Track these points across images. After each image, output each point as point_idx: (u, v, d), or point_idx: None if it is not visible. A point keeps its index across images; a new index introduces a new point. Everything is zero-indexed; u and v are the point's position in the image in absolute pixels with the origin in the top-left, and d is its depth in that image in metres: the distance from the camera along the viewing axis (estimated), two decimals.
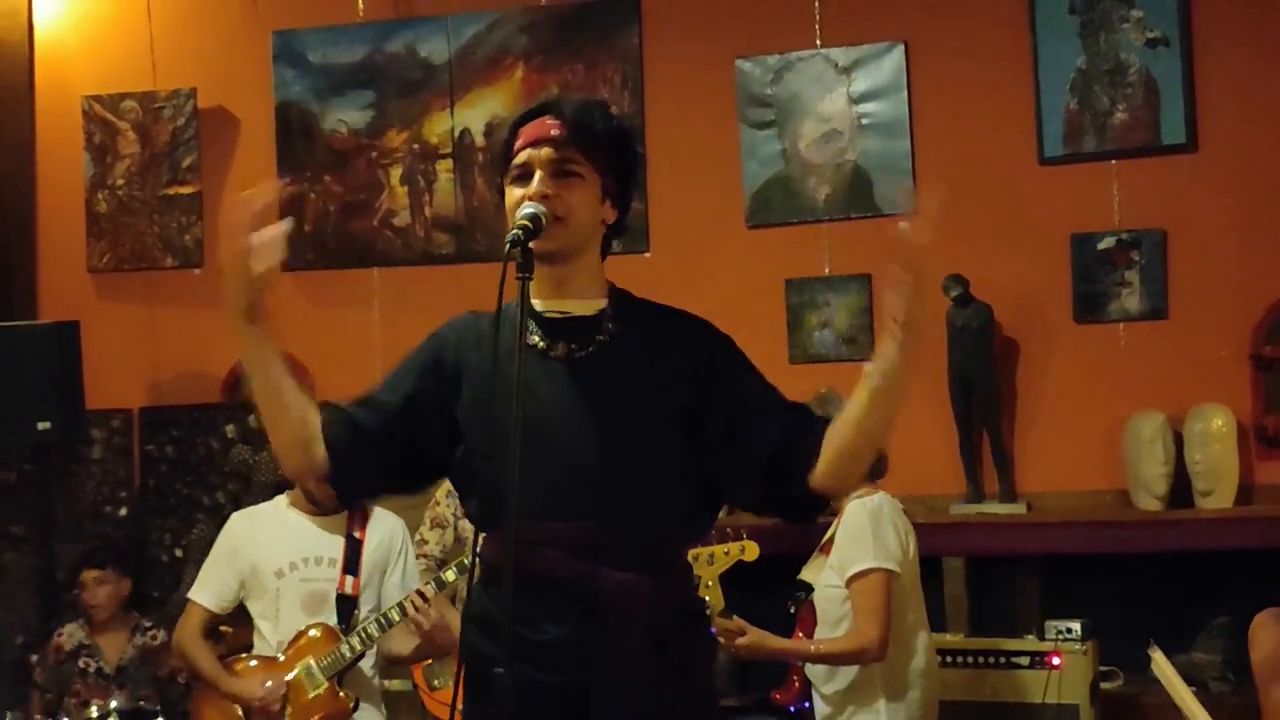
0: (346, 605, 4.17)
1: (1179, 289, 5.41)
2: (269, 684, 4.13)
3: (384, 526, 4.30)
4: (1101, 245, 5.43)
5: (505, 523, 2.23)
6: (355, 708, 4.18)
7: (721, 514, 5.48)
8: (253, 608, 4.27)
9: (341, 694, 4.15)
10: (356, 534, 4.23)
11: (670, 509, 2.48)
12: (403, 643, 4.16)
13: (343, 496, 2.58)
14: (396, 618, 4.12)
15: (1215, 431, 5.21)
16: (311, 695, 4.13)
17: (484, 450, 2.40)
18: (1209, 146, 5.40)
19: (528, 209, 2.38)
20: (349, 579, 4.18)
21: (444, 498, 5.11)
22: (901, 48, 5.67)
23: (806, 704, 4.38)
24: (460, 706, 2.48)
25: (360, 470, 2.52)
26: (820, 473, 2.39)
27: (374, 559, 4.24)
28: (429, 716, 4.98)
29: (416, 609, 3.99)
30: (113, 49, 6.53)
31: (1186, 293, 5.41)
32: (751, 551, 4.26)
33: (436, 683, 4.91)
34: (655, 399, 2.46)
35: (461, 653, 2.57)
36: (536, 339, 2.46)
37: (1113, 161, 5.45)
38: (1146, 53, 5.43)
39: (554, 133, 2.44)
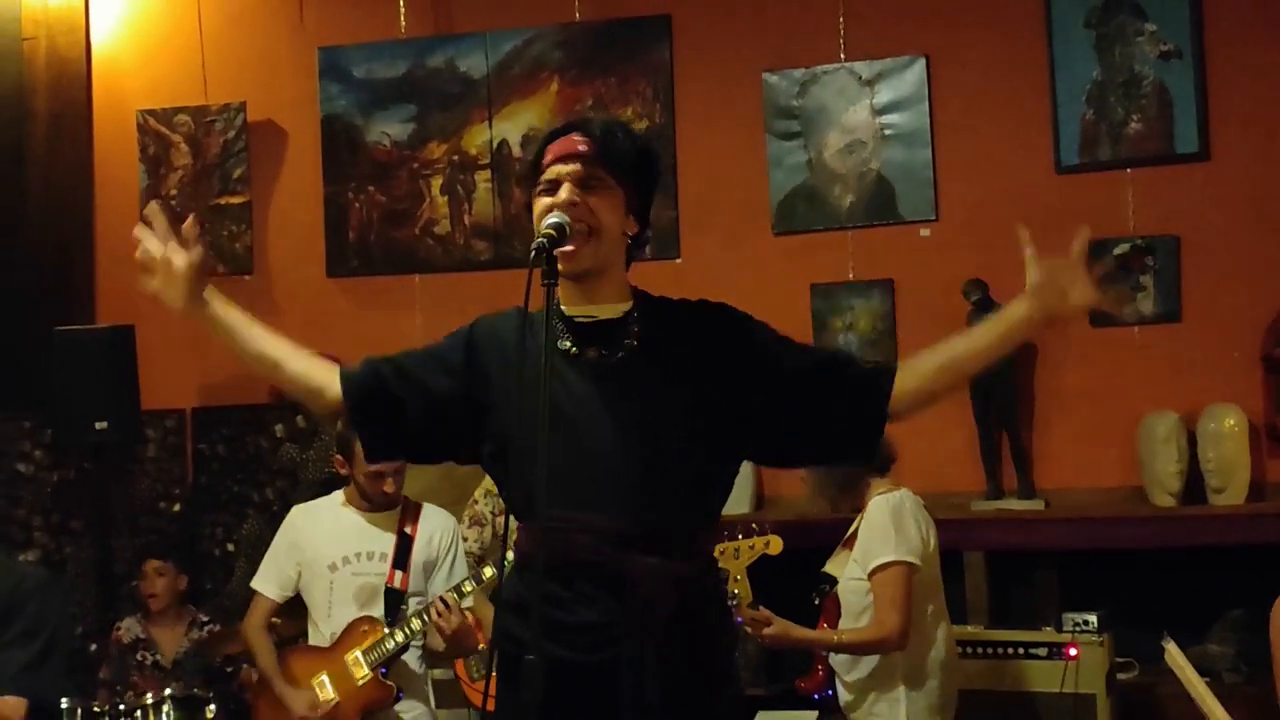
0: (393, 599, 4.25)
1: (1192, 293, 5.47)
2: (312, 704, 4.25)
3: (434, 524, 4.39)
4: (1117, 251, 5.47)
5: (537, 516, 2.33)
6: (398, 699, 4.26)
7: (747, 509, 5.62)
8: (308, 599, 4.37)
9: (386, 684, 4.24)
10: (408, 530, 4.31)
11: (697, 500, 2.57)
12: (438, 641, 4.27)
13: (369, 449, 2.76)
14: (434, 616, 4.19)
15: (1227, 430, 5.26)
16: (358, 683, 4.23)
17: (518, 448, 2.49)
18: (1221, 155, 5.46)
19: (553, 219, 2.45)
20: (398, 573, 4.26)
21: (482, 497, 5.21)
22: (923, 61, 5.75)
23: (830, 692, 4.43)
24: (493, 692, 2.56)
25: (383, 427, 2.66)
26: (906, 392, 2.59)
27: (423, 555, 4.33)
28: (471, 707, 5.07)
29: (439, 614, 4.09)
30: (166, 65, 6.62)
31: (1199, 297, 5.46)
32: (775, 545, 4.32)
33: (477, 674, 5.02)
34: (684, 398, 2.54)
35: (495, 638, 2.66)
36: (567, 344, 2.55)
37: (1128, 170, 5.51)
38: (1160, 65, 5.50)
39: (581, 148, 2.53)
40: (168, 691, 4.66)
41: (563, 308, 2.56)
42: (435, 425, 2.65)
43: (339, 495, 4.46)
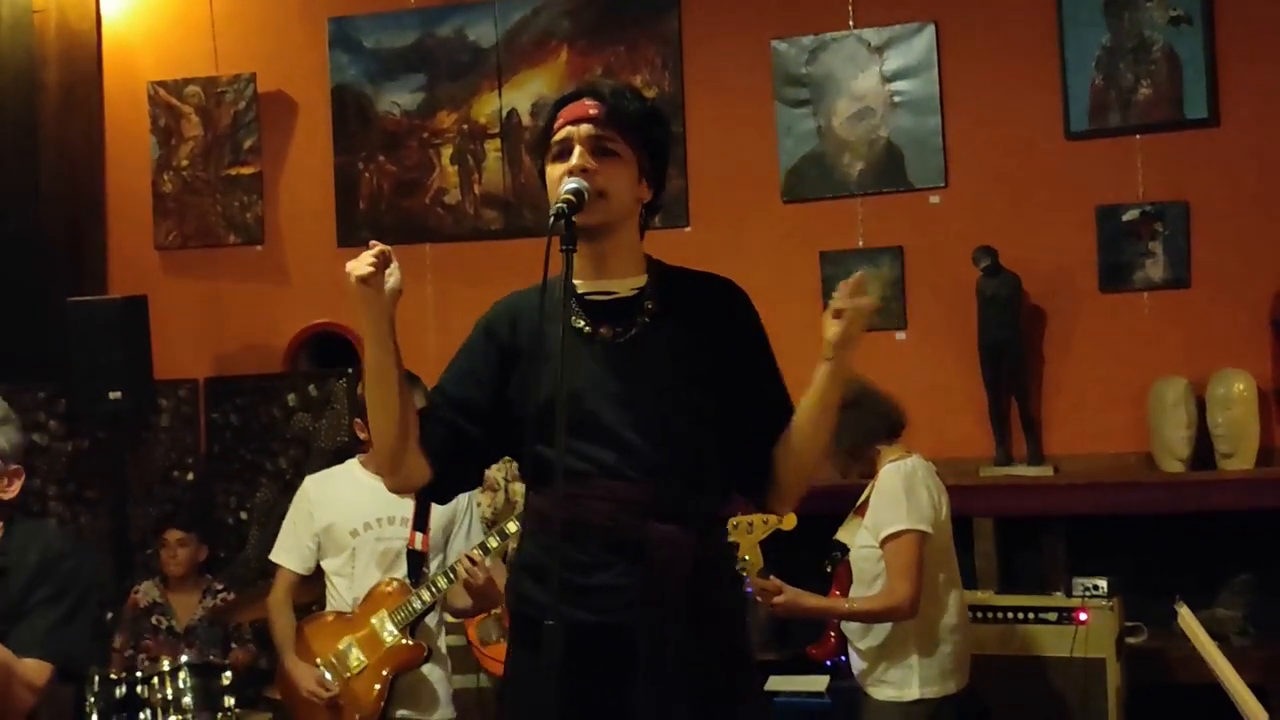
0: (416, 560, 4.27)
1: (1201, 259, 5.46)
2: (320, 682, 4.27)
3: None
4: (1126, 217, 5.50)
5: (554, 487, 2.35)
6: (428, 656, 4.29)
7: None
8: (328, 565, 4.40)
9: (415, 644, 4.27)
10: None
11: (708, 471, 2.61)
12: (462, 598, 4.29)
13: (441, 500, 2.79)
14: (463, 572, 4.21)
15: (1236, 395, 5.28)
16: (387, 645, 4.26)
17: (533, 422, 2.51)
18: (1230, 121, 5.45)
19: (571, 184, 2.48)
20: (419, 536, 4.27)
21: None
22: (932, 27, 5.74)
23: (842, 658, 4.48)
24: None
25: (459, 474, 2.71)
26: (777, 473, 2.63)
27: (442, 518, 4.35)
28: (483, 672, 5.15)
29: (468, 571, 4.11)
30: (176, 36, 6.64)
31: (1208, 262, 5.46)
32: (789, 521, 4.29)
33: (497, 637, 5.06)
34: (695, 373, 2.58)
35: (509, 601, 2.66)
36: (581, 323, 2.57)
37: (1137, 136, 5.51)
38: (1170, 30, 5.48)
39: (593, 111, 2.56)
40: (184, 659, 4.70)
41: (576, 282, 2.56)
42: (491, 442, 2.69)
43: (354, 463, 4.48)
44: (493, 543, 4.23)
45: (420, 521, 4.31)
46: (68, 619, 3.14)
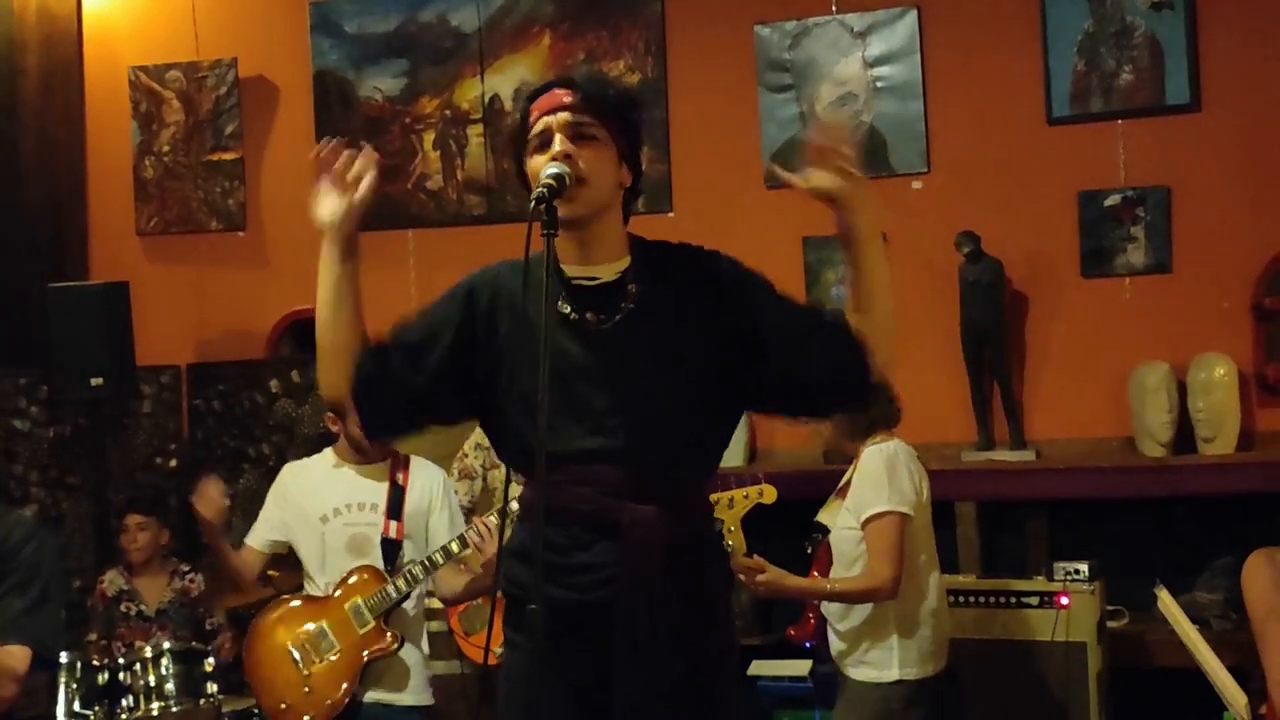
0: (391, 548, 4.30)
1: (1183, 244, 5.47)
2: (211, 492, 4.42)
3: (425, 475, 4.44)
4: (1108, 202, 5.50)
5: (537, 473, 2.36)
6: (400, 645, 4.30)
7: (740, 462, 5.65)
8: (300, 552, 4.42)
9: (388, 632, 4.28)
10: (399, 482, 4.36)
11: (689, 451, 2.62)
12: (453, 583, 4.32)
13: (370, 432, 2.78)
14: (441, 560, 4.24)
15: (1217, 380, 5.29)
16: (360, 632, 4.27)
17: (514, 407, 2.55)
18: (1212, 106, 5.45)
19: (552, 169, 2.47)
20: (393, 524, 4.31)
21: (472, 450, 5.24)
22: (914, 13, 5.73)
23: (823, 639, 4.49)
24: (495, 647, 2.68)
25: (387, 412, 2.69)
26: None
27: (416, 505, 4.38)
28: (465, 661, 5.14)
29: (481, 536, 4.12)
30: (157, 21, 6.64)
31: (1190, 247, 5.46)
32: (769, 495, 4.31)
33: (479, 625, 5.03)
34: (680, 354, 2.57)
35: (501, 586, 2.68)
36: (566, 308, 2.57)
37: (1119, 121, 5.51)
38: (1151, 15, 5.48)
39: (567, 99, 2.56)
40: (166, 645, 4.70)
41: (561, 267, 2.57)
42: (437, 397, 2.68)
43: (329, 452, 4.51)
44: (493, 520, 4.23)
45: (394, 509, 4.34)
46: (39, 604, 3.14)
